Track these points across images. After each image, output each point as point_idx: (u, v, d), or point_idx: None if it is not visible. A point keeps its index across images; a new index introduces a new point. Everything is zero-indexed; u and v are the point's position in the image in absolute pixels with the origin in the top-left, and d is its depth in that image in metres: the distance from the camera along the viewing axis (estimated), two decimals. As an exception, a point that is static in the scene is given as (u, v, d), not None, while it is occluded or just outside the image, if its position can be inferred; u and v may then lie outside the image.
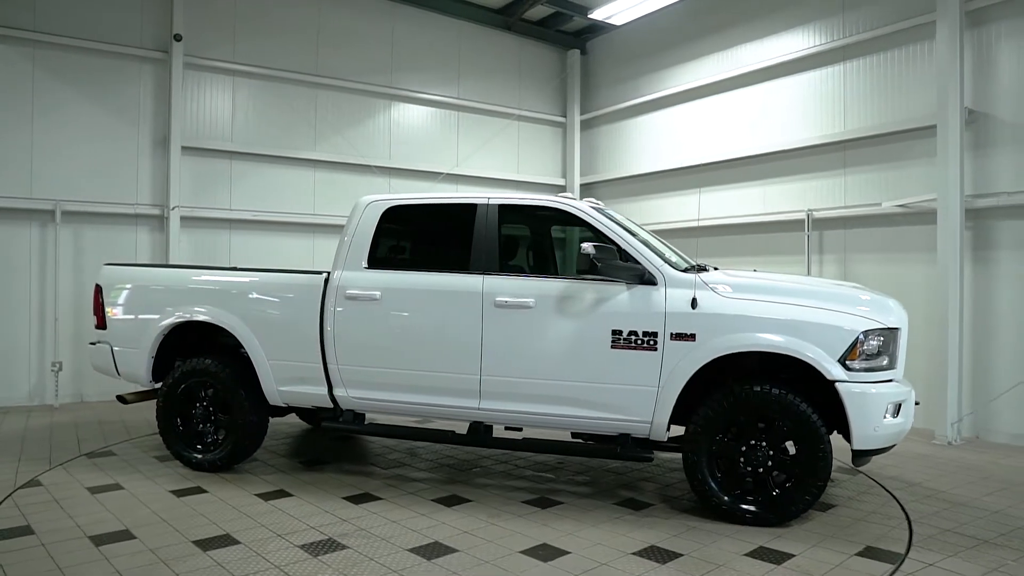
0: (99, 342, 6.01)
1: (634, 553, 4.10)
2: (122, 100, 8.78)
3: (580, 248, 4.64)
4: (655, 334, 4.65)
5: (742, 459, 4.60)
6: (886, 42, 7.93)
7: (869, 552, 4.13)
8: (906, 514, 4.82)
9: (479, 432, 5.20)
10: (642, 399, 4.70)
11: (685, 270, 4.87)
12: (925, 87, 7.55)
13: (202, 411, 5.72)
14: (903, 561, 4.00)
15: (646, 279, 4.75)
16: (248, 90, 9.59)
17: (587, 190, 12.31)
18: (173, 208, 8.79)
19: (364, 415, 5.56)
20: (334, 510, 4.80)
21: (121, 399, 6.09)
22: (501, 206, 5.23)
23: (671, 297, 4.68)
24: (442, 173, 11.12)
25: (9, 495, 5.01)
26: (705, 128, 10.19)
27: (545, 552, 4.10)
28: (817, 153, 8.63)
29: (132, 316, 5.89)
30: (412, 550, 4.11)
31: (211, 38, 9.27)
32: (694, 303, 4.62)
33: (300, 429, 7.38)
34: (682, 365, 4.60)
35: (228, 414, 5.63)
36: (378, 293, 5.21)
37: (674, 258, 5.10)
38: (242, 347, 5.95)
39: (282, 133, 9.85)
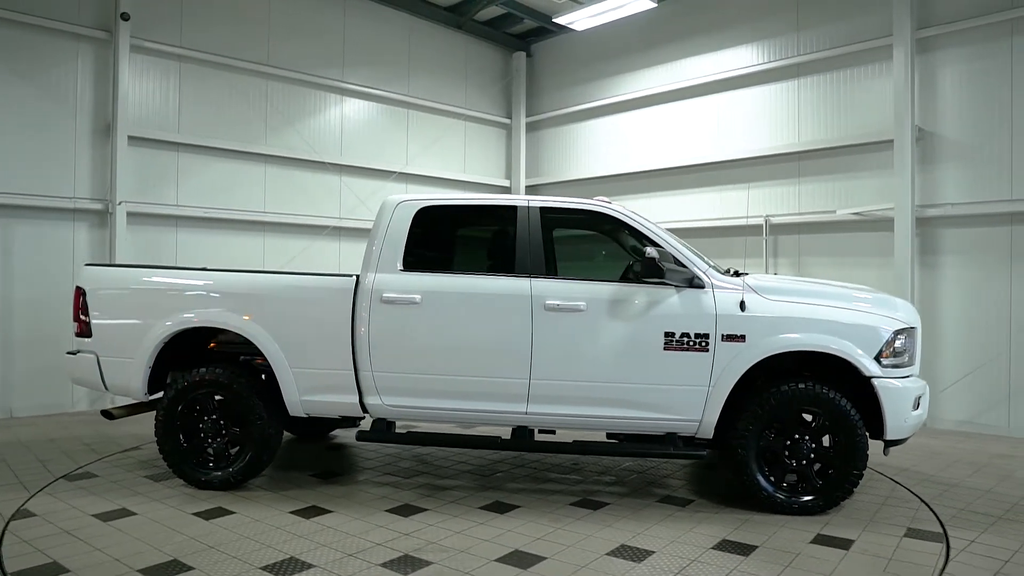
0: (81, 351, 5.40)
1: (713, 548, 4.23)
2: (57, 82, 7.89)
3: (646, 252, 4.72)
4: (707, 336, 4.81)
5: (787, 452, 4.86)
6: (839, 62, 8.60)
7: (913, 533, 4.50)
8: (919, 498, 5.27)
9: (524, 437, 5.15)
10: (693, 399, 4.85)
11: (723, 273, 5.07)
12: (877, 104, 8.27)
13: (211, 425, 5.28)
14: (948, 540, 4.38)
15: (695, 283, 4.91)
16: (196, 78, 8.90)
17: (532, 192, 12.42)
18: (119, 203, 8.01)
19: (394, 423, 5.35)
20: (388, 524, 4.60)
21: (107, 414, 5.50)
22: (543, 208, 5.21)
23: (719, 300, 4.86)
24: (394, 172, 10.84)
25: (5, 528, 4.40)
26: (657, 135, 10.58)
27: (631, 553, 4.14)
28: (772, 163, 9.21)
29: (125, 322, 5.32)
30: (500, 560, 4.02)
31: (155, 19, 8.52)
32: (743, 305, 4.83)
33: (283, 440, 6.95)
34: (733, 365, 4.79)
35: (243, 427, 5.24)
36: (418, 296, 5.03)
37: (709, 262, 5.29)
38: (242, 354, 5.62)
39: (232, 125, 9.23)
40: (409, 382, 5.07)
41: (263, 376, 5.38)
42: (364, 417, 5.35)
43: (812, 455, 4.84)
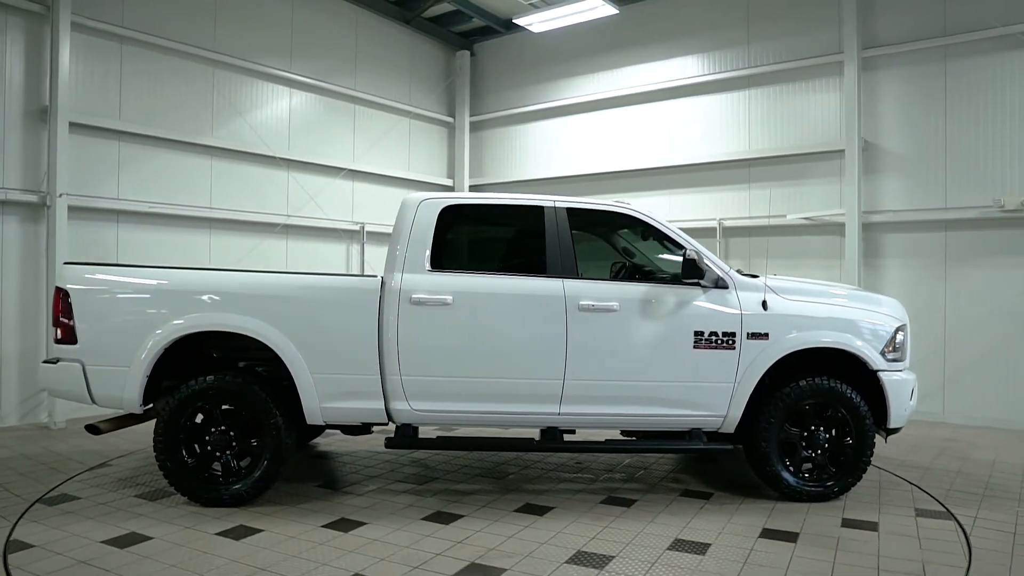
0: (63, 360, 4.83)
1: (760, 537, 4.41)
2: (-18, 58, 7.03)
3: (684, 253, 4.85)
4: (733, 334, 5.01)
5: (803, 443, 5.14)
6: (786, 75, 9.17)
7: (923, 513, 4.89)
8: (907, 481, 5.73)
9: (552, 437, 5.13)
10: (720, 395, 5.03)
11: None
12: (822, 116, 8.89)
13: (219, 437, 4.89)
14: (956, 518, 4.79)
15: (719, 283, 5.09)
16: (139, 61, 8.17)
17: (476, 191, 12.35)
18: (60, 195, 7.23)
19: (418, 429, 5.17)
20: (433, 533, 4.45)
21: (93, 429, 4.95)
22: (569, 209, 5.22)
23: (743, 299, 5.07)
24: (343, 169, 10.46)
25: (4, 563, 3.88)
26: (606, 139, 10.82)
27: (690, 546, 4.25)
28: (723, 168, 9.67)
29: (118, 327, 4.82)
30: (570, 562, 4.00)
31: (95, -6, 7.77)
32: (765, 305, 5.06)
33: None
34: (757, 362, 5.00)
35: (258, 438, 4.89)
36: (450, 297, 4.90)
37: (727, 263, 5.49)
38: (241, 360, 5.28)
39: (177, 114, 8.55)
40: (439, 385, 4.93)
41: (272, 383, 5.04)
42: (384, 424, 5.13)
43: (826, 445, 5.15)
